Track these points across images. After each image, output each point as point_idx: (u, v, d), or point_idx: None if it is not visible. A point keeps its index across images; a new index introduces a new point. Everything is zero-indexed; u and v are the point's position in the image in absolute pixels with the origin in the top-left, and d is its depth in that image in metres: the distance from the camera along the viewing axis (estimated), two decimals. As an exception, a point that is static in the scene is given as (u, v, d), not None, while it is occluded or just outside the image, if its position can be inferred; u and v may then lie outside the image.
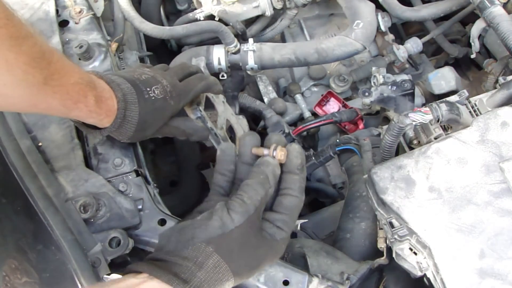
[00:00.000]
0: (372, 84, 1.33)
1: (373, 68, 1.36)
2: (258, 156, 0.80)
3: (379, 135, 1.23)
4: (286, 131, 1.30)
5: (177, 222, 0.82)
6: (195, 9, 1.42)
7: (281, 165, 0.79)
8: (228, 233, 0.71)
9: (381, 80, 1.31)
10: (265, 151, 0.79)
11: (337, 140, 1.17)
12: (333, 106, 1.41)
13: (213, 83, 1.01)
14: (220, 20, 1.32)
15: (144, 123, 0.89)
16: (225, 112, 1.11)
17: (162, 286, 0.66)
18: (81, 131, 0.95)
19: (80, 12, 1.17)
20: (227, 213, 0.71)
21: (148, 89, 0.88)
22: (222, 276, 0.70)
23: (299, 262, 0.93)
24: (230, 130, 1.13)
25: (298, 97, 1.44)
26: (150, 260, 0.71)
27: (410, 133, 0.96)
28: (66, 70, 0.78)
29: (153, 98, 0.88)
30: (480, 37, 1.24)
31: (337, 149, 1.16)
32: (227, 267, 0.71)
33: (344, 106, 1.40)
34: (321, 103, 1.41)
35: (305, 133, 1.33)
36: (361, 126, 1.34)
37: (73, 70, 0.80)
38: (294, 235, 1.11)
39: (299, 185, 0.78)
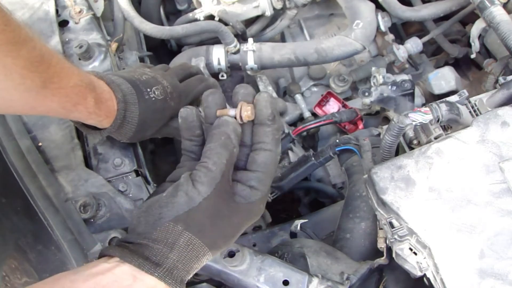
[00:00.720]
0: (372, 84, 1.33)
1: (373, 68, 1.36)
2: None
3: (379, 135, 1.23)
4: (286, 131, 1.30)
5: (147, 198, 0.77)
6: (195, 9, 1.42)
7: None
8: (197, 207, 0.67)
9: (381, 80, 1.31)
10: (231, 112, 0.74)
11: (337, 140, 1.16)
12: (333, 106, 1.41)
13: (213, 85, 1.01)
14: (220, 20, 1.32)
15: (144, 124, 0.88)
16: None
17: (134, 270, 0.64)
18: (81, 131, 0.95)
19: (80, 12, 1.17)
20: (192, 185, 0.67)
21: (148, 89, 0.88)
22: (197, 253, 0.67)
23: (299, 262, 0.93)
24: None
25: (298, 97, 1.44)
26: (123, 243, 0.69)
27: (410, 133, 0.96)
28: (65, 72, 0.77)
29: (153, 98, 0.88)
30: (480, 37, 1.24)
31: (337, 149, 1.16)
32: (201, 243, 0.67)
33: (344, 106, 1.40)
34: (321, 104, 1.41)
35: (305, 133, 1.33)
36: (360, 126, 1.34)
37: (73, 72, 0.79)
38: (294, 235, 1.11)
39: (272, 138, 0.73)
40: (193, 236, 0.67)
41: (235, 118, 0.73)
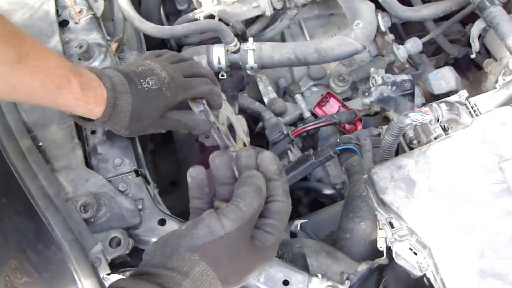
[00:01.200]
0: (371, 85, 1.33)
1: (372, 69, 1.36)
2: (234, 175, 0.78)
3: (379, 135, 1.23)
4: (285, 132, 1.30)
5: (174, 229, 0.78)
6: (195, 9, 1.42)
7: None
8: (217, 240, 0.68)
9: (379, 81, 1.31)
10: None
11: (338, 140, 1.16)
12: (333, 106, 1.41)
13: (217, 93, 0.99)
14: (220, 20, 1.32)
15: (139, 112, 0.88)
16: (226, 110, 1.11)
17: None
18: (81, 131, 0.95)
19: (80, 12, 1.17)
20: (216, 219, 0.68)
21: (141, 80, 0.88)
22: (209, 285, 0.68)
23: (299, 262, 0.93)
24: (230, 129, 1.13)
25: (298, 97, 1.44)
26: (134, 275, 0.68)
27: (410, 133, 0.96)
28: (43, 53, 0.78)
29: (146, 88, 0.88)
30: (480, 37, 1.24)
31: (337, 148, 1.16)
32: (215, 275, 0.68)
33: (344, 106, 1.40)
34: (320, 104, 1.41)
35: (304, 133, 1.33)
36: (359, 127, 1.34)
37: (52, 55, 0.80)
38: (294, 235, 1.11)
39: (282, 190, 0.76)
40: (208, 267, 0.67)
41: None
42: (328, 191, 1.31)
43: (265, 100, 1.42)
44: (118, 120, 0.88)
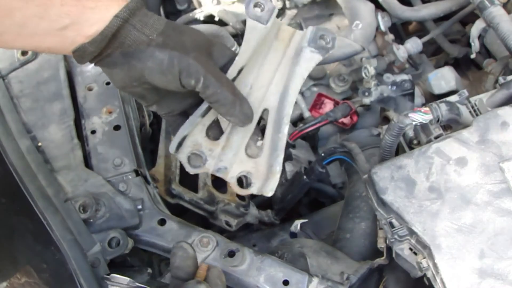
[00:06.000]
0: (363, 75, 1.31)
1: (363, 59, 1.34)
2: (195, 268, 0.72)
3: (379, 135, 1.23)
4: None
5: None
6: (195, 9, 1.42)
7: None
8: None
9: (372, 72, 1.30)
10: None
11: (322, 154, 1.12)
12: (329, 107, 1.41)
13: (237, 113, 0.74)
14: (220, 20, 1.32)
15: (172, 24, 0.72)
16: None
17: None
18: (81, 131, 0.95)
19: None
20: None
21: None
22: None
23: (299, 262, 0.93)
24: None
25: (298, 97, 1.43)
26: None
27: (410, 133, 0.96)
28: None
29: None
30: (480, 37, 1.24)
31: (324, 163, 1.12)
32: None
33: (336, 103, 1.39)
34: (315, 108, 1.40)
35: (304, 134, 1.33)
36: (355, 118, 1.33)
37: None
38: (294, 235, 1.11)
39: None
40: None
41: None
42: (330, 190, 1.31)
43: (265, 100, 1.42)
44: (147, 19, 0.69)
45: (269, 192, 0.74)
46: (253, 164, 0.75)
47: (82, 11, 0.67)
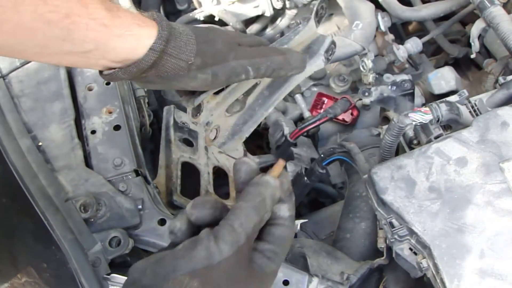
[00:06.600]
0: (361, 68, 1.31)
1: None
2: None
3: (379, 135, 1.23)
4: (285, 132, 1.29)
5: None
6: (195, 9, 1.42)
7: None
8: (215, 265, 0.60)
9: (370, 65, 1.29)
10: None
11: (321, 155, 1.11)
12: (329, 105, 1.41)
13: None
14: (220, 20, 1.32)
15: (205, 36, 0.72)
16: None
17: None
18: (81, 131, 0.95)
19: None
20: (214, 242, 0.61)
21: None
22: None
23: (299, 262, 0.93)
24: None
25: (298, 97, 1.43)
26: None
27: (410, 133, 0.96)
28: None
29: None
30: (480, 37, 1.24)
31: (324, 163, 1.11)
32: None
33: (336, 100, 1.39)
34: (316, 108, 1.40)
35: (305, 133, 1.33)
36: (355, 113, 1.32)
37: None
38: (294, 235, 1.11)
39: (290, 214, 0.69)
40: None
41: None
42: (330, 190, 1.31)
43: (265, 100, 1.42)
44: (181, 43, 0.68)
45: (226, 151, 0.76)
46: (224, 121, 0.79)
47: (108, 38, 0.65)
